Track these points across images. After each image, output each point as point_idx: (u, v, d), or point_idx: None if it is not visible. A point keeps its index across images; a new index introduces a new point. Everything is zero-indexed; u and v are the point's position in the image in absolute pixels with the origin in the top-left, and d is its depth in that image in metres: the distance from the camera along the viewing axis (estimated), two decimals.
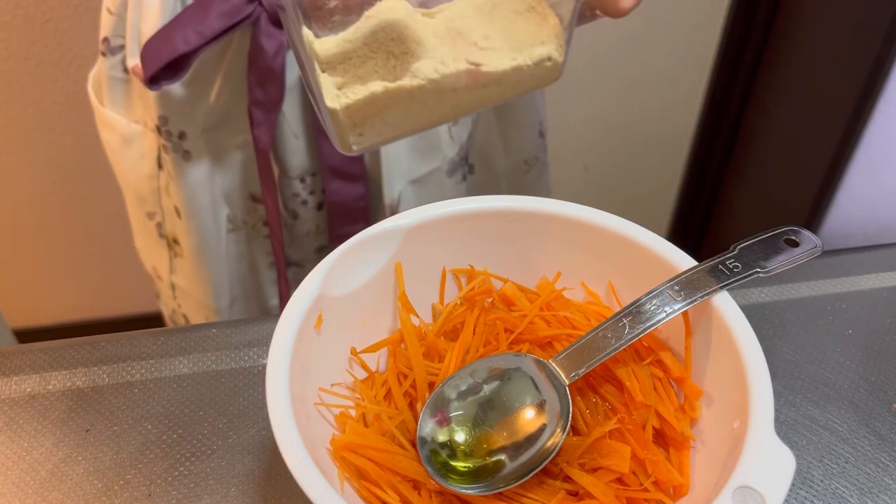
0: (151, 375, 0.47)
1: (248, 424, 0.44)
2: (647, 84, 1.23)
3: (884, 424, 0.45)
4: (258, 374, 0.47)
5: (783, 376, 0.47)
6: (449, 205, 0.41)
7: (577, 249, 0.41)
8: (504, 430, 0.37)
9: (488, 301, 0.42)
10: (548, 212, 0.41)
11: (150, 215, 0.69)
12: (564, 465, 0.36)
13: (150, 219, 0.70)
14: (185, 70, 0.55)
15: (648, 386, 0.37)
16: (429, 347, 0.40)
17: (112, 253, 1.29)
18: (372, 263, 0.40)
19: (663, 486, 0.35)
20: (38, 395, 0.45)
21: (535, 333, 0.40)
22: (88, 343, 0.49)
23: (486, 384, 0.38)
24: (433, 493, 0.35)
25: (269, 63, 0.56)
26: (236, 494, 0.41)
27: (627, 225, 0.40)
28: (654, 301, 0.36)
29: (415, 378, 0.38)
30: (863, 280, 0.54)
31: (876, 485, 0.41)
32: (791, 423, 0.45)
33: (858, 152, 0.95)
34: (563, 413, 0.36)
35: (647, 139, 1.32)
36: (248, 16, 0.54)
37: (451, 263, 0.42)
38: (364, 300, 0.39)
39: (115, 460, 0.42)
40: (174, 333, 0.49)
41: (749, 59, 1.14)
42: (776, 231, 0.39)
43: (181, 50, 0.53)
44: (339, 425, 0.36)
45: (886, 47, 0.85)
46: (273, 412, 0.32)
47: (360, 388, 0.38)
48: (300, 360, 0.34)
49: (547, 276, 0.43)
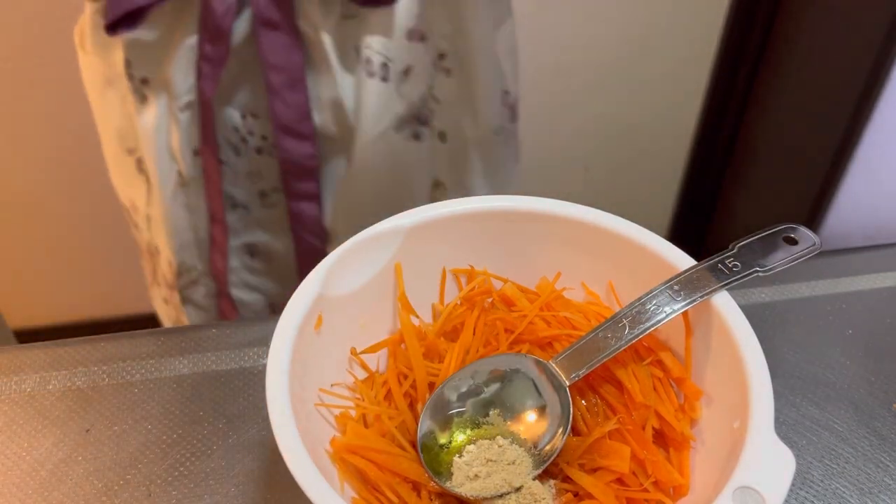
0: (151, 375, 0.47)
1: (248, 424, 0.44)
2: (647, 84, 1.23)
3: (884, 424, 0.45)
4: (258, 374, 0.47)
5: (783, 376, 0.47)
6: (449, 205, 0.41)
7: (577, 249, 0.41)
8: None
9: (488, 301, 0.42)
10: (548, 212, 0.41)
11: (130, 151, 0.72)
12: (564, 465, 0.36)
13: (129, 154, 0.72)
14: (140, 21, 0.60)
15: (648, 386, 0.37)
16: (429, 348, 0.40)
17: (112, 253, 1.29)
18: (372, 263, 0.40)
19: (663, 487, 0.35)
20: (38, 395, 0.45)
21: (535, 334, 0.40)
22: (88, 343, 0.49)
23: (486, 386, 0.38)
24: (433, 495, 0.35)
25: (218, 22, 0.59)
26: (236, 494, 0.41)
27: (627, 225, 0.40)
28: (654, 301, 0.36)
29: (415, 378, 0.38)
30: (863, 280, 0.54)
31: (876, 485, 0.41)
32: (791, 423, 0.45)
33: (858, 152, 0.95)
34: (564, 414, 0.36)
35: (648, 139, 1.32)
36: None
37: (451, 263, 0.42)
38: (364, 300, 0.39)
39: (115, 460, 0.42)
40: (174, 333, 0.49)
41: (749, 59, 1.14)
42: (774, 229, 0.39)
43: (139, 3, 0.58)
44: (339, 426, 0.36)
45: (886, 47, 0.85)
46: (273, 412, 0.32)
47: (360, 389, 0.38)
48: (300, 361, 0.34)
49: (547, 276, 0.43)
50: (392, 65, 0.63)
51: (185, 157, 0.68)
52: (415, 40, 0.63)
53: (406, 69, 0.64)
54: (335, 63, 0.63)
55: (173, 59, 0.63)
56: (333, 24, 0.61)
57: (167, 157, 0.69)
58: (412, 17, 0.62)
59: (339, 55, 0.63)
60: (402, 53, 0.63)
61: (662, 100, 1.26)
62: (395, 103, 0.66)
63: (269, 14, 0.60)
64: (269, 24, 0.60)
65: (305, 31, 0.62)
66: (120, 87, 0.68)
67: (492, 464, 0.36)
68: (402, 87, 0.65)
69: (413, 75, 0.65)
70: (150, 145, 0.68)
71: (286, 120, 0.64)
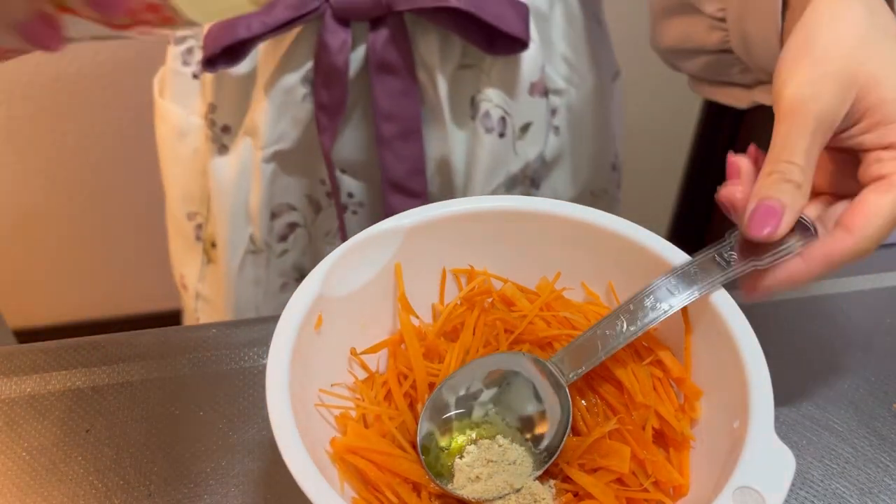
0: (151, 375, 0.47)
1: (248, 424, 0.44)
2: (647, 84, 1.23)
3: (884, 424, 0.45)
4: (258, 374, 0.47)
5: (783, 376, 0.47)
6: (449, 205, 0.41)
7: (577, 249, 0.41)
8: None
9: (488, 301, 0.42)
10: (548, 212, 0.41)
11: (191, 216, 0.68)
12: (564, 465, 0.36)
13: (189, 220, 0.68)
14: (242, 56, 0.55)
15: (648, 386, 0.37)
16: (429, 348, 0.40)
17: (112, 253, 1.29)
18: (372, 264, 0.39)
19: (663, 487, 0.35)
20: (38, 395, 0.45)
21: (535, 334, 0.40)
22: (88, 343, 0.49)
23: (486, 388, 0.38)
24: (433, 496, 0.35)
25: (332, 60, 0.54)
26: (236, 494, 0.41)
27: (627, 225, 0.40)
28: (651, 297, 0.36)
29: (415, 379, 0.38)
30: (863, 280, 0.54)
31: (876, 485, 0.41)
32: (791, 423, 0.45)
33: None
34: (564, 413, 0.36)
35: (648, 139, 1.31)
36: (313, 10, 0.53)
37: (451, 263, 0.42)
38: (364, 301, 0.39)
39: (115, 460, 0.42)
40: (174, 333, 0.49)
41: None
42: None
43: (241, 36, 0.53)
44: (339, 426, 0.36)
45: None
46: (273, 412, 0.32)
47: (360, 389, 0.38)
48: (300, 361, 0.34)
49: (547, 276, 0.43)
50: (511, 120, 0.59)
51: (262, 217, 0.63)
52: (536, 94, 0.59)
53: (525, 125, 0.60)
54: (447, 115, 0.58)
55: (264, 102, 0.58)
56: (451, 72, 0.57)
57: (242, 218, 0.63)
58: (536, 70, 0.58)
59: (451, 107, 0.58)
60: (523, 108, 0.59)
61: (662, 100, 1.26)
62: (511, 161, 0.61)
63: (387, 56, 0.55)
64: (386, 68, 0.55)
65: (421, 79, 0.57)
66: (194, 139, 0.64)
67: (493, 464, 0.36)
68: (518, 144, 0.61)
69: (531, 132, 0.60)
70: (225, 201, 0.63)
71: (396, 175, 0.58)
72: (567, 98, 0.63)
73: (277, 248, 0.65)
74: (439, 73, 0.56)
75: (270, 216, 0.63)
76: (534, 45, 0.57)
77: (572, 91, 0.63)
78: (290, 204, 0.64)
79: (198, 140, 0.64)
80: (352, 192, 0.63)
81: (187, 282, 0.71)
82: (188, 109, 0.63)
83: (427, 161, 0.60)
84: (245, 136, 0.61)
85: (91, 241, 1.27)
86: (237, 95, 0.60)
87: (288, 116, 0.58)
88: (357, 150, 0.61)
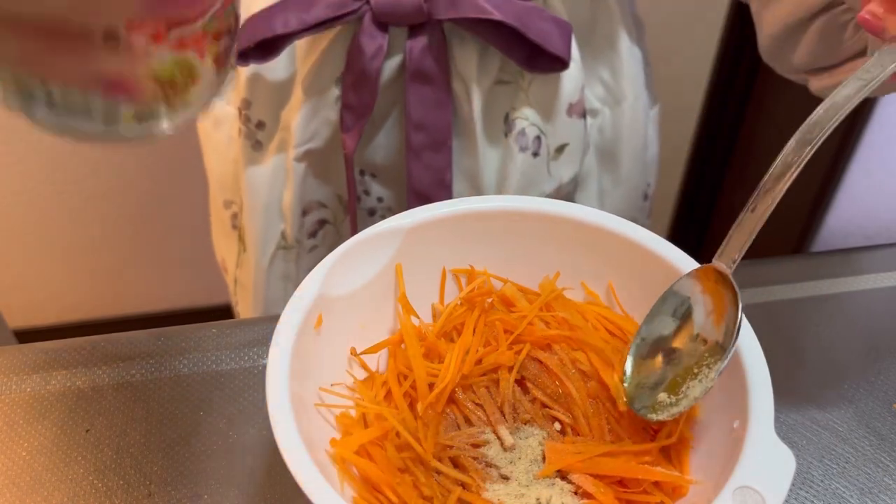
0: (151, 375, 0.47)
1: (248, 424, 0.44)
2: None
3: (884, 424, 0.45)
4: (258, 374, 0.47)
5: (783, 376, 0.47)
6: (449, 205, 0.41)
7: (577, 249, 0.41)
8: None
9: (488, 302, 0.42)
10: (548, 212, 0.41)
11: (228, 204, 0.68)
12: (565, 465, 0.36)
13: (226, 208, 0.68)
14: (275, 53, 0.54)
15: None
16: (429, 348, 0.40)
17: (113, 253, 1.29)
18: (372, 264, 0.40)
19: (663, 486, 0.35)
20: (38, 395, 0.45)
21: (535, 334, 0.40)
22: (88, 343, 0.49)
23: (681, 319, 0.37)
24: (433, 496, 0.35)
25: (365, 65, 0.54)
26: (236, 494, 0.41)
27: (627, 225, 0.40)
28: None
29: (415, 379, 0.38)
30: (863, 280, 0.54)
31: (876, 485, 0.42)
32: (791, 423, 0.45)
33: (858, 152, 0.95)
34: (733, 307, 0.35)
35: None
36: (352, 11, 0.53)
37: (451, 263, 0.42)
38: (364, 300, 0.39)
39: (115, 460, 0.42)
40: (174, 333, 0.49)
41: (749, 59, 1.14)
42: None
43: (277, 31, 0.52)
44: (339, 426, 0.36)
45: None
46: (273, 412, 0.32)
47: (360, 389, 0.38)
48: (300, 361, 0.34)
49: (547, 276, 0.43)
50: (546, 140, 0.58)
51: (294, 214, 0.63)
52: (574, 115, 0.58)
53: (561, 146, 0.59)
54: (479, 130, 0.57)
55: (299, 101, 0.58)
56: (487, 86, 0.56)
57: (275, 214, 0.64)
58: (576, 91, 0.57)
59: (484, 122, 0.57)
60: (560, 128, 0.58)
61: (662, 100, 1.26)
62: (544, 182, 0.60)
63: (424, 65, 0.54)
64: (422, 77, 0.54)
65: (455, 90, 0.56)
66: (229, 129, 0.64)
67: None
68: (552, 165, 0.59)
69: (567, 153, 0.59)
70: (258, 199, 0.63)
71: (421, 185, 0.58)
72: (601, 119, 0.62)
73: (307, 244, 0.66)
74: (475, 87, 0.55)
75: (302, 213, 0.63)
76: (574, 64, 0.56)
77: (606, 112, 0.62)
78: (321, 201, 0.64)
79: (233, 129, 0.64)
80: (381, 196, 0.63)
81: (227, 265, 0.72)
82: (223, 98, 0.63)
83: (455, 174, 0.59)
84: (280, 133, 0.60)
85: (92, 241, 1.27)
86: (272, 93, 0.59)
87: (321, 116, 0.58)
88: (388, 156, 0.60)
